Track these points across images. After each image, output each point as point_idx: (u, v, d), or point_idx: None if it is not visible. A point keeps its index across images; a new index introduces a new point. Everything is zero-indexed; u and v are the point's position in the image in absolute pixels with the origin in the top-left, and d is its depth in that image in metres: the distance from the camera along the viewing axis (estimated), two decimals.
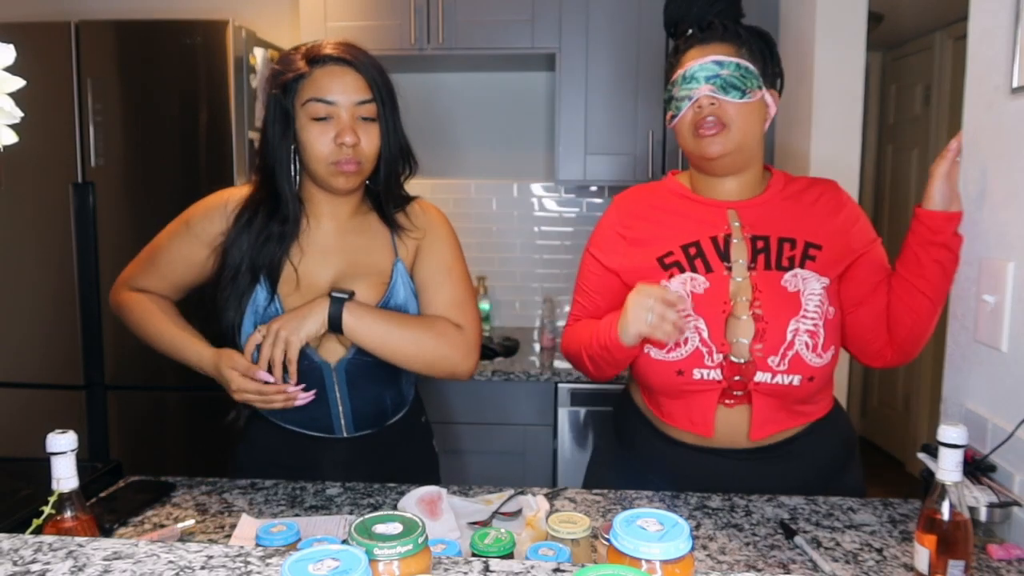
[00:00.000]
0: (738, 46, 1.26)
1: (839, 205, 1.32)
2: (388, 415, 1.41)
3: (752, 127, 1.26)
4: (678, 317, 1.15)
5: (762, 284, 1.25)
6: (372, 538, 0.64)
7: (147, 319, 1.37)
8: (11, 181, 2.41)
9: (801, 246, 1.27)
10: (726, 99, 1.23)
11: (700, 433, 1.28)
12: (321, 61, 1.26)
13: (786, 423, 1.28)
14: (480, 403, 2.50)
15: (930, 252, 1.24)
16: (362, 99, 1.26)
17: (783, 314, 1.23)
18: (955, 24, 3.67)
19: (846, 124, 2.29)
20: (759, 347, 1.22)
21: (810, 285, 1.24)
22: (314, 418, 1.35)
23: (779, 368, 1.22)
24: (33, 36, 2.34)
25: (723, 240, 1.28)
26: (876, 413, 4.54)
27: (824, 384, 1.28)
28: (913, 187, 4.06)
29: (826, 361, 1.24)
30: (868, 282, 1.30)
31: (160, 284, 1.40)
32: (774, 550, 1.12)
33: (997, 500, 1.12)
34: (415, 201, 1.41)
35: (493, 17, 2.62)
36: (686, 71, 1.26)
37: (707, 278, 1.26)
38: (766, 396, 1.24)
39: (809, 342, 1.22)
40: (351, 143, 1.25)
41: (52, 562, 0.70)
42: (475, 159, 3.10)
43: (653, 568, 0.54)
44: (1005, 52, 1.20)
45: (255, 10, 2.98)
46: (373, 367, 1.32)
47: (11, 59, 0.76)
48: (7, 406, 2.49)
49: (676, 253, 1.28)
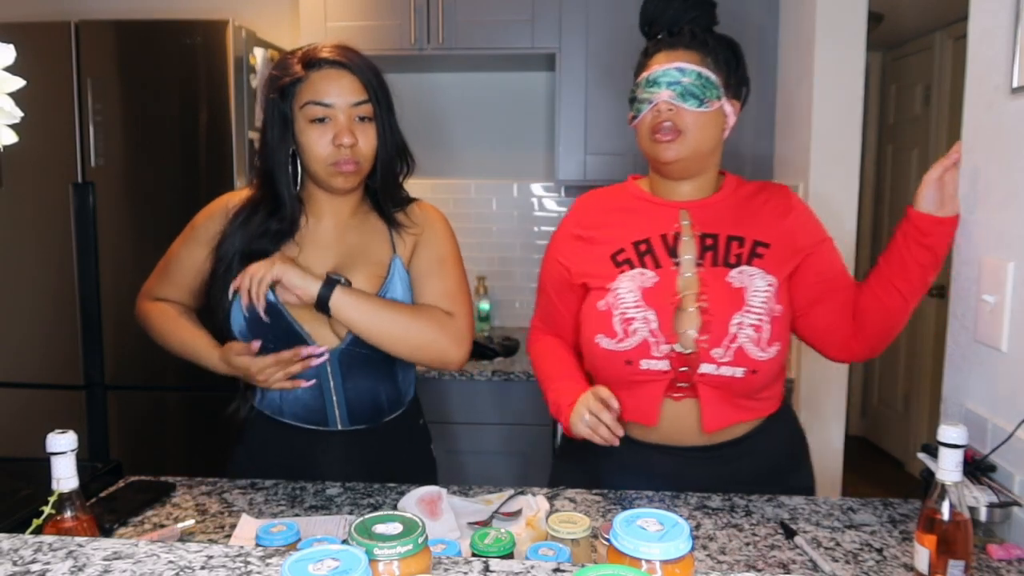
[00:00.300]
0: (703, 55, 1.29)
1: (789, 207, 1.35)
2: (384, 411, 1.42)
3: (707, 135, 1.29)
4: (612, 421, 1.23)
5: (709, 279, 1.28)
6: (372, 538, 0.64)
7: (164, 326, 1.41)
8: (11, 181, 2.41)
9: (749, 244, 1.31)
10: (684, 107, 1.27)
11: (643, 422, 1.30)
12: (317, 64, 1.29)
13: (734, 417, 1.29)
14: (480, 403, 2.50)
15: (914, 252, 1.28)
16: (358, 100, 1.30)
17: (727, 308, 1.26)
18: (955, 24, 3.67)
19: (846, 124, 2.29)
20: (704, 339, 1.25)
21: (755, 282, 1.27)
22: (310, 408, 1.37)
23: (723, 360, 1.25)
24: (33, 36, 2.34)
25: (672, 237, 1.33)
26: (876, 413, 4.54)
27: (770, 380, 1.30)
28: (913, 187, 4.03)
29: (770, 356, 1.26)
30: (821, 281, 1.32)
31: (176, 292, 1.44)
32: (774, 550, 1.12)
33: (997, 500, 1.12)
34: (416, 203, 1.44)
35: (493, 17, 2.62)
36: (650, 75, 1.30)
37: (656, 273, 1.30)
38: (711, 388, 1.27)
39: (753, 336, 1.24)
40: (349, 144, 1.28)
41: (52, 562, 0.70)
42: (475, 159, 3.10)
43: (653, 568, 0.54)
44: (1005, 52, 1.20)
45: (255, 10, 2.98)
46: (367, 358, 1.35)
47: (11, 59, 0.76)
48: (7, 406, 2.49)
49: (628, 250, 1.33)
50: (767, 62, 2.62)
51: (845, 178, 2.31)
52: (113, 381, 2.47)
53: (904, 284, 1.29)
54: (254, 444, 1.44)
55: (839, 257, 1.36)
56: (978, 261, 1.26)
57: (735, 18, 2.60)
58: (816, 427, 2.38)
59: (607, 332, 1.29)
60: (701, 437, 1.31)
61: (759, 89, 2.62)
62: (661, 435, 1.33)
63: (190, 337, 1.38)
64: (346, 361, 1.34)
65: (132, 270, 2.40)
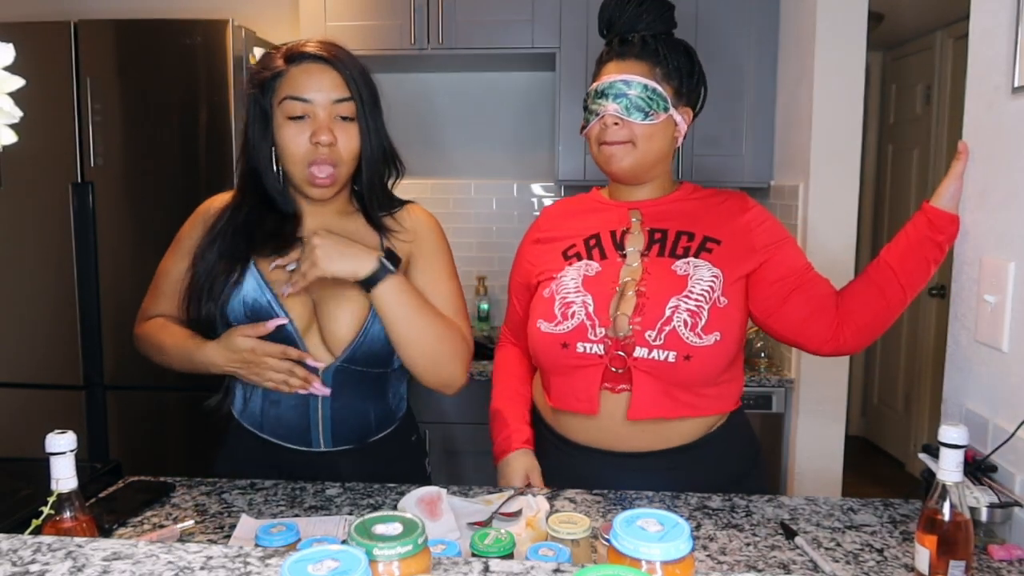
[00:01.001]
0: (653, 65, 1.31)
1: (745, 208, 1.37)
2: (372, 430, 1.37)
3: (654, 146, 1.32)
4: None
5: (652, 268, 1.31)
6: (372, 538, 0.64)
7: (158, 339, 1.33)
8: (11, 181, 2.41)
9: (699, 239, 1.32)
10: (630, 120, 1.29)
11: (584, 411, 1.31)
12: (298, 59, 1.24)
13: (668, 410, 1.28)
14: (480, 403, 2.48)
15: (925, 247, 1.28)
16: (339, 97, 1.23)
17: (665, 291, 1.27)
18: (955, 24, 3.67)
19: (846, 124, 2.29)
20: (638, 320, 1.26)
21: (700, 272, 1.29)
22: (291, 428, 1.33)
23: (655, 343, 1.25)
24: (33, 36, 2.34)
25: (621, 233, 1.36)
26: (876, 413, 4.54)
27: (710, 373, 1.28)
28: (913, 187, 4.06)
29: (706, 343, 1.24)
30: (787, 276, 1.32)
31: (170, 306, 1.36)
32: (774, 550, 1.12)
33: (998, 500, 1.12)
34: (406, 207, 1.38)
35: (493, 17, 2.62)
36: (599, 86, 1.32)
37: (600, 264, 1.33)
38: (645, 374, 1.27)
39: (688, 320, 1.25)
40: (327, 142, 1.21)
41: (51, 563, 0.70)
42: (475, 159, 3.10)
43: (653, 568, 0.54)
44: (1006, 52, 1.20)
45: (255, 10, 2.98)
46: (361, 376, 1.31)
47: (11, 59, 0.76)
48: (6, 406, 2.49)
49: (578, 245, 1.37)
50: (767, 62, 2.62)
51: (845, 178, 2.31)
52: (112, 381, 2.47)
53: (908, 278, 1.29)
54: (237, 454, 1.40)
55: (803, 256, 1.37)
56: (979, 261, 1.26)
57: (735, 18, 2.61)
58: (816, 427, 2.39)
59: (547, 316, 1.32)
60: (634, 437, 1.30)
61: (760, 89, 2.63)
62: (600, 430, 1.31)
63: (182, 337, 1.29)
64: (339, 379, 1.30)
65: (132, 270, 2.40)
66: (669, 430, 1.30)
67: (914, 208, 4.47)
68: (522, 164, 3.09)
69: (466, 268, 3.04)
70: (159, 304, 1.38)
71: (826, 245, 2.31)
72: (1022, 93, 1.15)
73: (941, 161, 3.82)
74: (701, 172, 2.66)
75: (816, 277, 1.35)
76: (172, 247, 1.38)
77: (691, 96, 1.36)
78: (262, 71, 1.25)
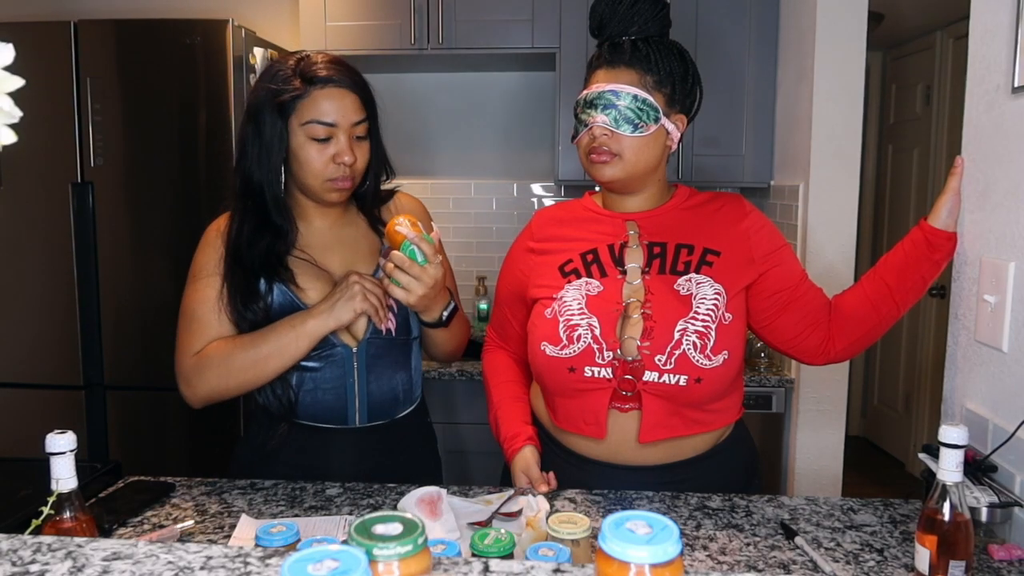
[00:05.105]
0: (644, 73, 1.26)
1: (742, 214, 1.34)
2: (400, 404, 1.44)
3: (644, 156, 1.27)
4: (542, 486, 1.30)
5: (655, 287, 1.27)
6: (372, 538, 0.64)
7: (234, 355, 1.30)
8: (10, 181, 2.41)
9: (699, 252, 1.29)
10: (619, 132, 1.25)
11: (593, 435, 1.29)
12: (320, 82, 1.28)
13: (678, 430, 1.27)
14: (480, 403, 2.49)
15: (922, 266, 1.28)
16: (358, 119, 1.31)
17: (672, 314, 1.25)
18: (956, 24, 3.67)
19: (846, 124, 2.29)
20: (647, 345, 1.24)
21: (703, 290, 1.26)
22: (329, 408, 1.38)
23: (665, 367, 1.23)
24: (33, 35, 2.34)
25: (619, 247, 1.32)
26: (876, 413, 4.54)
27: (720, 391, 1.27)
28: (913, 187, 4.06)
29: (716, 364, 1.23)
30: (784, 289, 1.32)
31: (218, 330, 1.34)
32: (775, 550, 1.12)
33: (998, 500, 1.12)
34: (395, 195, 1.49)
35: (493, 17, 2.62)
36: (588, 95, 1.27)
37: (601, 282, 1.29)
38: (655, 397, 1.25)
39: (697, 343, 1.23)
40: (350, 163, 1.30)
41: (51, 563, 0.70)
42: (475, 159, 3.10)
43: (642, 571, 0.53)
44: (1006, 52, 1.20)
45: (255, 10, 2.98)
46: (390, 345, 1.40)
47: (11, 58, 0.76)
48: (6, 406, 2.49)
49: (575, 261, 1.33)
50: (767, 62, 2.62)
51: (845, 178, 2.31)
52: (112, 381, 2.47)
53: (903, 296, 1.29)
54: (260, 442, 1.41)
55: (797, 262, 1.36)
56: (979, 261, 1.26)
57: (735, 18, 2.61)
58: (816, 427, 2.38)
59: (552, 339, 1.28)
60: (638, 446, 1.28)
61: (759, 89, 2.63)
62: (608, 449, 1.31)
63: (269, 329, 1.29)
64: (372, 352, 1.38)
65: (132, 270, 2.40)
66: (679, 446, 1.30)
67: (914, 208, 4.46)
68: (522, 164, 3.08)
69: (466, 268, 3.04)
70: (206, 332, 1.33)
71: (826, 245, 2.31)
72: (1022, 93, 1.15)
73: (941, 161, 3.82)
74: (701, 172, 2.66)
75: (810, 289, 1.34)
76: (192, 278, 1.36)
77: (685, 101, 1.31)
78: (281, 92, 1.28)
